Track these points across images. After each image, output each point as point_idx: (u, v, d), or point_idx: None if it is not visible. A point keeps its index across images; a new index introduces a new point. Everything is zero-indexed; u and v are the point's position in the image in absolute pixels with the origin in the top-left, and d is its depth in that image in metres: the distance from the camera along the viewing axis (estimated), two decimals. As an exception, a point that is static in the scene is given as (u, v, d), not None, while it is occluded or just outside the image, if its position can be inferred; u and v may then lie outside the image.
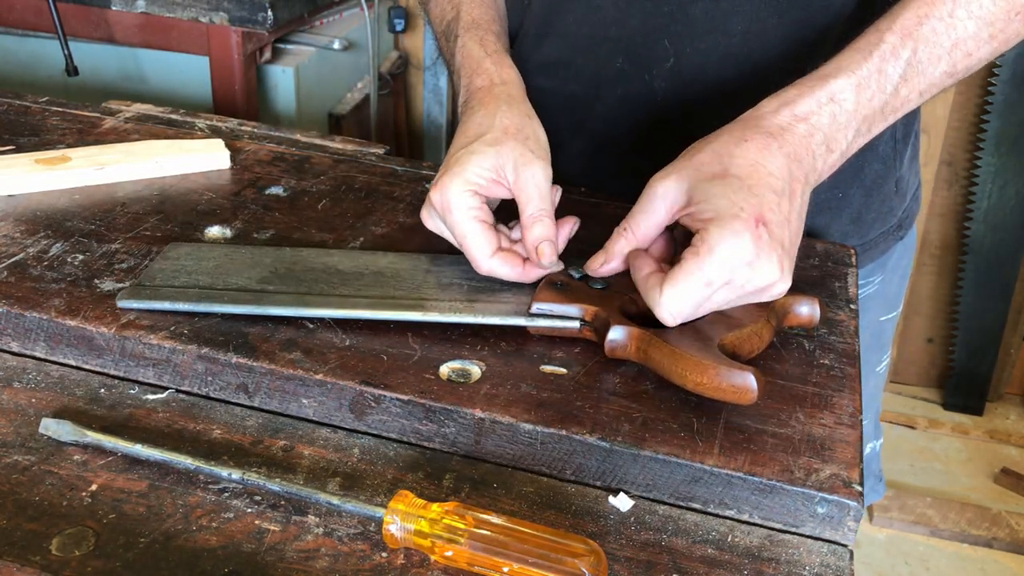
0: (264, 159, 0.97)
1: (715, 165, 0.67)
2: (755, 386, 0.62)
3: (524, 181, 0.72)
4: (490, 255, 0.72)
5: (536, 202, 0.72)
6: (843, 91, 0.69)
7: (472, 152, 0.73)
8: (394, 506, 0.54)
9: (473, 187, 0.72)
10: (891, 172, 0.96)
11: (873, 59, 0.70)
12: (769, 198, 0.64)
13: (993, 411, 2.52)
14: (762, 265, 0.63)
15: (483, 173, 0.72)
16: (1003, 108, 2.24)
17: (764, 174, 0.65)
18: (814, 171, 0.69)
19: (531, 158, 0.73)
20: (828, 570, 0.57)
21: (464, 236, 0.72)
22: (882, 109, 0.71)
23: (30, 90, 1.15)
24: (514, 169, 0.72)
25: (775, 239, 0.64)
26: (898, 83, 0.71)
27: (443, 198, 0.72)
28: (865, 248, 0.97)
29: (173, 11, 1.64)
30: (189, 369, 0.67)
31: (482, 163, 0.72)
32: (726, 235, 0.63)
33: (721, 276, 0.63)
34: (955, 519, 2.14)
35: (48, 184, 0.87)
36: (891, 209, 0.99)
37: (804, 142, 0.68)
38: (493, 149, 0.73)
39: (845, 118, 0.69)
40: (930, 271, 2.47)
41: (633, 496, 0.61)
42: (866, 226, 0.97)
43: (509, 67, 0.83)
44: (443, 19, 0.92)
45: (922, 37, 0.71)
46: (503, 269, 0.72)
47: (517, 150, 0.73)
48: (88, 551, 0.53)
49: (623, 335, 0.67)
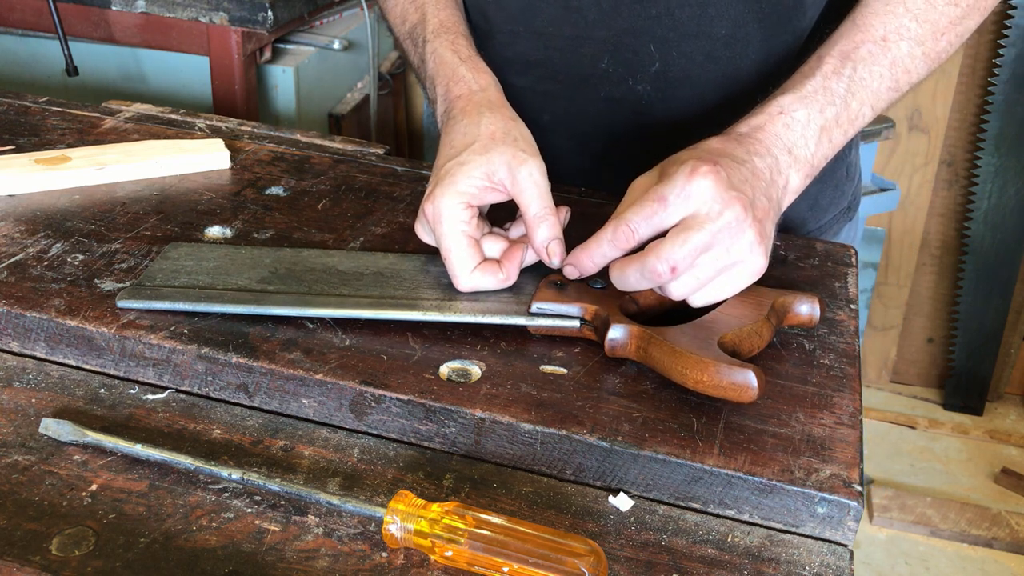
0: (264, 159, 0.97)
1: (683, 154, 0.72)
2: (755, 384, 0.62)
3: (522, 181, 0.73)
4: (470, 271, 0.73)
5: (538, 201, 0.73)
6: (791, 104, 0.75)
7: (461, 163, 0.73)
8: (394, 506, 0.54)
9: (465, 198, 0.73)
10: (842, 158, 1.01)
11: (816, 78, 0.76)
12: (727, 161, 0.69)
13: (993, 411, 2.52)
14: (722, 197, 0.66)
15: (475, 182, 0.73)
16: (1003, 108, 2.24)
17: (726, 152, 0.71)
18: (778, 171, 0.73)
19: (524, 157, 0.73)
20: (828, 570, 0.57)
21: (448, 250, 0.73)
22: (836, 120, 0.76)
23: (30, 90, 1.15)
24: (508, 172, 0.73)
25: (735, 182, 0.68)
26: (845, 95, 0.76)
27: (435, 210, 0.73)
28: (821, 231, 1.02)
29: (173, 11, 1.64)
30: (189, 369, 0.67)
31: (472, 172, 0.73)
32: (684, 169, 0.67)
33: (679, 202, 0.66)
34: (955, 519, 2.14)
35: (48, 184, 0.87)
36: (843, 192, 1.04)
37: (763, 146, 0.73)
38: (483, 157, 0.73)
39: (799, 127, 0.74)
40: (930, 271, 2.47)
41: (633, 496, 0.61)
42: (821, 211, 1.01)
43: (485, 72, 0.83)
44: (405, 20, 0.91)
45: (860, 58, 0.77)
46: (484, 281, 0.73)
47: (508, 153, 0.73)
48: (88, 551, 0.53)
49: (623, 333, 0.67)
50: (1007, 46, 2.20)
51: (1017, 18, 2.18)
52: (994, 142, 2.27)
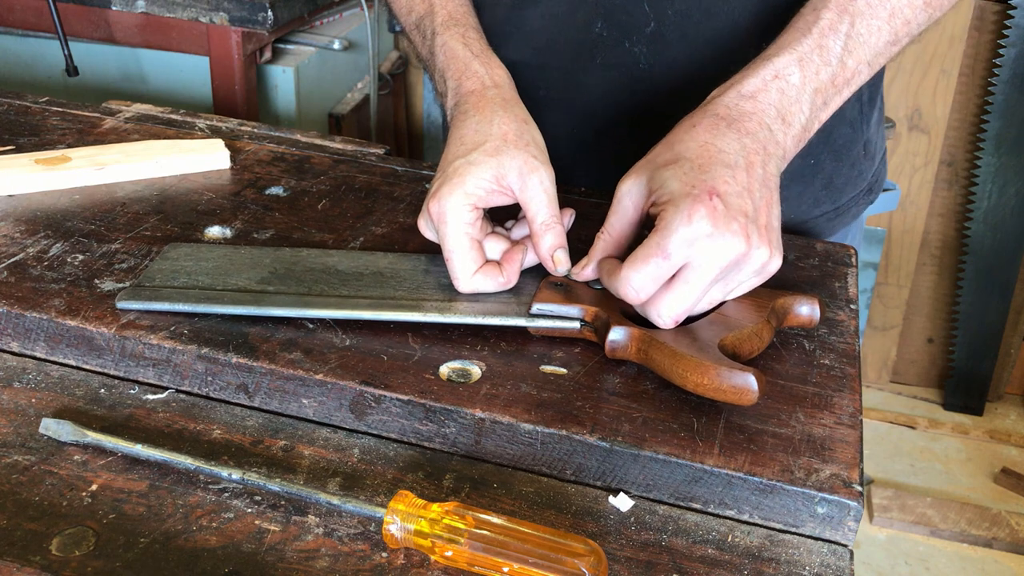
0: (264, 159, 0.97)
1: (667, 153, 0.69)
2: (756, 387, 0.62)
3: (531, 188, 0.72)
4: (472, 274, 0.72)
5: (546, 210, 0.72)
6: (787, 67, 0.72)
7: (471, 163, 0.72)
8: (394, 506, 0.54)
9: (472, 199, 0.72)
10: (859, 135, 0.97)
11: (812, 35, 0.73)
12: (720, 172, 0.66)
13: (993, 411, 2.52)
14: (723, 235, 0.64)
15: (483, 184, 0.72)
16: (1003, 108, 2.24)
17: (714, 152, 0.68)
18: (774, 143, 0.70)
19: (536, 165, 0.72)
20: (828, 570, 0.57)
21: (452, 252, 0.72)
22: (832, 81, 0.74)
23: (30, 90, 1.15)
24: (519, 177, 0.72)
25: (732, 208, 0.65)
26: (842, 54, 0.74)
27: (440, 209, 0.72)
28: (838, 213, 0.98)
29: (173, 11, 1.64)
30: (189, 369, 0.67)
31: (482, 174, 0.72)
32: (681, 211, 0.64)
33: (680, 250, 0.64)
34: (955, 519, 2.14)
35: (48, 184, 0.87)
36: (861, 172, 1.00)
37: (755, 118, 0.70)
38: (494, 159, 0.72)
39: (794, 92, 0.72)
40: (930, 271, 2.47)
41: (633, 496, 0.61)
42: (837, 191, 0.97)
43: (499, 67, 0.82)
44: (412, 11, 0.89)
45: (858, 11, 0.74)
46: (485, 284, 0.72)
47: (520, 158, 0.72)
48: (88, 551, 0.53)
49: (623, 336, 0.67)
50: (1007, 46, 2.20)
51: (1017, 18, 2.18)
52: (994, 142, 2.27)
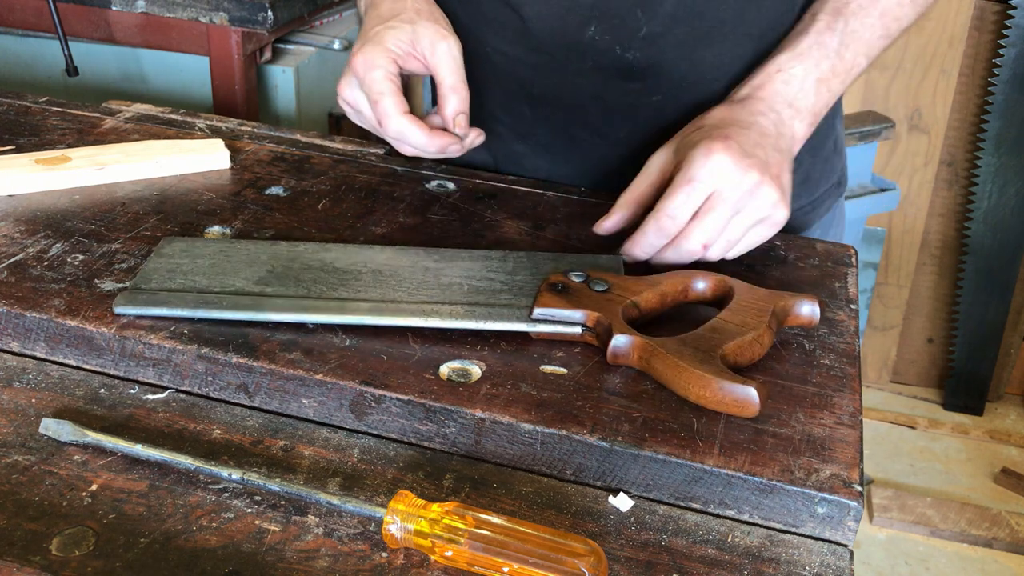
0: (264, 159, 0.96)
1: (691, 128, 0.81)
2: (757, 400, 0.62)
3: (440, 56, 0.82)
4: (400, 114, 0.80)
5: (453, 75, 0.83)
6: (788, 62, 0.83)
7: (390, 27, 0.83)
8: (394, 506, 0.54)
9: (392, 55, 0.82)
10: (830, 131, 1.03)
11: (810, 35, 0.83)
12: (735, 129, 0.77)
13: (993, 411, 2.52)
14: (739, 164, 0.74)
15: (401, 45, 0.82)
16: (1003, 108, 2.24)
17: (732, 120, 0.79)
18: (783, 124, 0.80)
19: (445, 34, 0.83)
20: (828, 570, 0.57)
21: (380, 94, 0.80)
22: (832, 71, 0.83)
23: (30, 90, 1.15)
24: (430, 44, 0.82)
25: (747, 151, 0.75)
26: (839, 48, 0.83)
27: (366, 59, 0.81)
28: (814, 206, 1.04)
29: (173, 11, 1.64)
30: (189, 369, 0.67)
31: (400, 36, 0.82)
32: (700, 148, 0.75)
33: (704, 177, 0.74)
34: (955, 519, 2.14)
35: (48, 184, 0.87)
36: (832, 166, 1.06)
37: (765, 103, 0.81)
38: (410, 26, 0.83)
39: (798, 82, 0.82)
40: (930, 271, 2.47)
41: (633, 496, 0.61)
42: (813, 184, 1.03)
43: None
44: None
45: (851, 13, 0.84)
46: (411, 130, 0.81)
47: (431, 28, 0.83)
48: (88, 551, 0.53)
49: (626, 343, 0.67)
50: (1007, 46, 2.20)
51: (1017, 18, 2.18)
52: (994, 142, 2.27)
